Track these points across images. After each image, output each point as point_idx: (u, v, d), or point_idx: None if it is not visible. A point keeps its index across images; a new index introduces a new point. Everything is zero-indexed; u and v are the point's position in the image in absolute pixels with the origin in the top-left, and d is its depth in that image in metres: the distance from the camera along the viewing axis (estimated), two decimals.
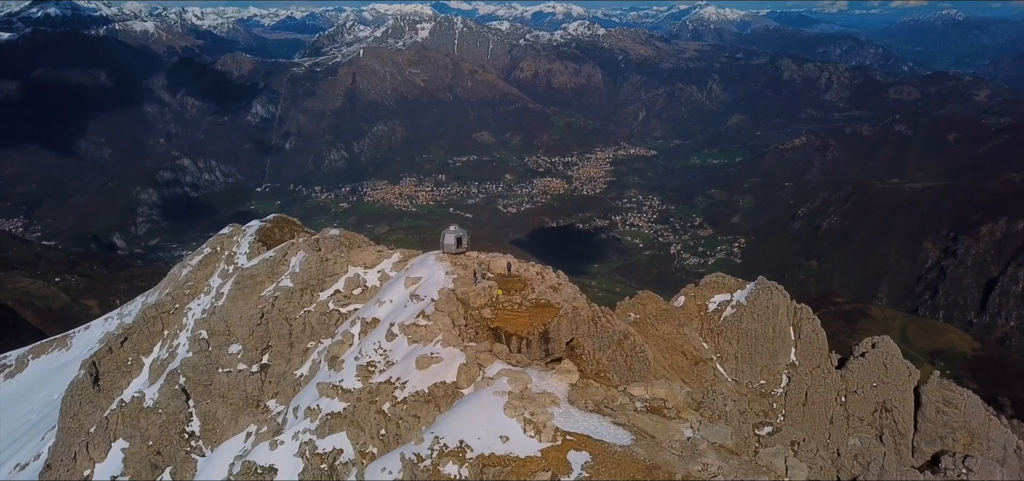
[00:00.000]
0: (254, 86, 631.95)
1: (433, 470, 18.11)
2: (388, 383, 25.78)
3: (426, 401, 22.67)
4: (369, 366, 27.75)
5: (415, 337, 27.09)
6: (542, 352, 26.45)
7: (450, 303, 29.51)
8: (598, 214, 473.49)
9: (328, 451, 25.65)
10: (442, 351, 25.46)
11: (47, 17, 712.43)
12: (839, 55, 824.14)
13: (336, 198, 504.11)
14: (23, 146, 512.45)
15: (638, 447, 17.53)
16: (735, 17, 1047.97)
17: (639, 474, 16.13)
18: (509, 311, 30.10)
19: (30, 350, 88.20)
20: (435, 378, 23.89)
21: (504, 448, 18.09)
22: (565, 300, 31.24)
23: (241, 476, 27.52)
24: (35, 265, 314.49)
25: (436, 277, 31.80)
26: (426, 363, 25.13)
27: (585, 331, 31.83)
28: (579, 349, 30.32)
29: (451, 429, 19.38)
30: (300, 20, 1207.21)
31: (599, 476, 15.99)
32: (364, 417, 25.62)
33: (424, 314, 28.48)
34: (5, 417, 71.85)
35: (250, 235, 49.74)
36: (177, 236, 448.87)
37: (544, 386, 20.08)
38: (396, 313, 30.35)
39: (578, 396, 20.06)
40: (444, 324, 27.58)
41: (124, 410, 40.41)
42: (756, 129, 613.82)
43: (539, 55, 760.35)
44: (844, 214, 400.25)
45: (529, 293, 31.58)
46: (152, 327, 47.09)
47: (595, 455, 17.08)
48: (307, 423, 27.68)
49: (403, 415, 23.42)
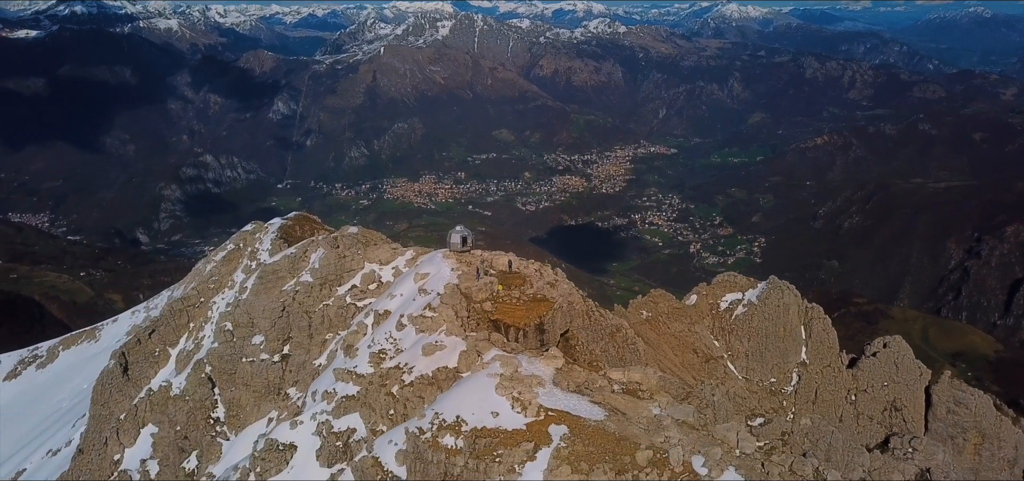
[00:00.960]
0: (276, 83, 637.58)
1: (433, 441, 20.68)
2: (397, 368, 28.15)
3: (430, 383, 25.02)
4: (380, 353, 29.99)
5: (422, 327, 29.43)
6: (538, 342, 28.38)
7: (454, 297, 31.67)
8: (617, 212, 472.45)
9: (343, 430, 28.02)
10: (445, 340, 27.75)
11: (73, 15, 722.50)
12: (863, 53, 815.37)
13: (356, 195, 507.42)
14: (50, 142, 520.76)
15: (610, 422, 20.00)
16: (757, 14, 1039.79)
17: (608, 445, 18.61)
18: (508, 305, 32.24)
19: (61, 341, 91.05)
20: (438, 363, 26.20)
21: (494, 422, 20.61)
22: (561, 296, 33.30)
23: (264, 452, 29.78)
24: (61, 260, 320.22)
25: (442, 273, 34.20)
26: (431, 350, 27.29)
27: (579, 324, 33.84)
28: (574, 340, 32.28)
29: (449, 406, 21.65)
30: (322, 18, 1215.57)
31: (574, 446, 18.52)
32: (375, 399, 27.88)
33: (430, 307, 30.81)
34: (38, 405, 74.59)
35: (272, 232, 51.74)
36: (199, 232, 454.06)
37: (532, 369, 22.43)
38: (406, 305, 32.66)
39: (562, 378, 22.46)
40: (448, 316, 29.84)
41: (152, 398, 42.55)
42: (777, 128, 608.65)
43: (559, 53, 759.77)
44: (866, 214, 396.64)
45: (527, 288, 33.81)
46: (178, 320, 49.22)
47: (572, 428, 19.72)
48: (324, 405, 29.97)
49: (410, 396, 25.70)
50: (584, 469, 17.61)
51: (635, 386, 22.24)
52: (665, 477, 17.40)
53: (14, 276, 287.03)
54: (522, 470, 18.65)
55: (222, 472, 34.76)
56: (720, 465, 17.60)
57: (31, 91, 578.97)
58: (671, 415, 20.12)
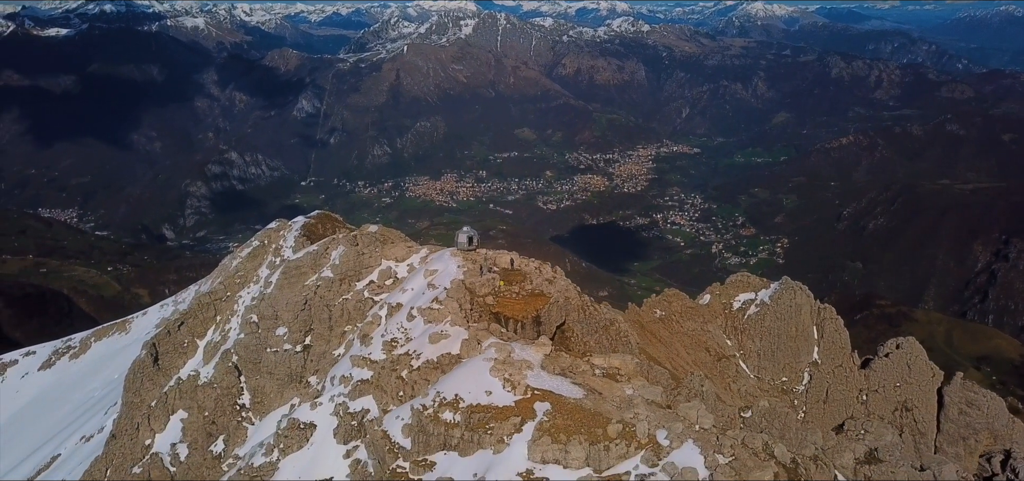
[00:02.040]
0: (300, 81, 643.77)
1: (434, 416, 23.82)
2: (406, 355, 31.18)
3: (434, 368, 28.20)
4: (392, 342, 33.09)
5: (429, 318, 32.41)
6: (534, 333, 30.93)
7: (459, 291, 34.76)
8: (639, 212, 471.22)
9: (358, 410, 30.92)
10: (450, 329, 30.68)
11: (103, 13, 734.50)
12: (890, 52, 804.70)
13: (378, 193, 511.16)
14: (79, 139, 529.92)
15: (587, 400, 23.09)
16: (783, 13, 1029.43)
17: (584, 419, 21.72)
18: (508, 299, 35.44)
19: (92, 333, 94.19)
20: (443, 350, 29.19)
21: (487, 400, 23.72)
22: (558, 291, 35.66)
23: (287, 430, 32.85)
24: (89, 255, 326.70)
25: (449, 270, 37.18)
26: (437, 339, 30.31)
27: (575, 318, 36.05)
28: (570, 333, 34.77)
29: (449, 386, 24.79)
30: (346, 16, 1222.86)
31: (554, 420, 21.67)
32: (387, 382, 30.86)
33: (438, 300, 33.92)
34: (71, 394, 77.63)
35: (295, 230, 54.05)
36: (224, 228, 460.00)
37: (523, 355, 25.59)
38: (416, 299, 35.70)
39: (549, 363, 25.51)
40: (453, 308, 32.92)
41: (181, 386, 44.85)
42: (802, 127, 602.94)
43: (582, 51, 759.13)
44: (891, 215, 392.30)
45: (527, 284, 36.84)
46: (206, 313, 51.50)
47: (554, 405, 22.84)
48: (341, 388, 33.08)
49: (417, 379, 28.76)
50: (562, 439, 20.73)
51: (614, 370, 25.26)
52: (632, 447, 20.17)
53: (44, 270, 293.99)
54: (510, 440, 21.78)
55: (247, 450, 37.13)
56: (680, 438, 20.23)
57: (61, 88, 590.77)
58: (642, 395, 22.91)
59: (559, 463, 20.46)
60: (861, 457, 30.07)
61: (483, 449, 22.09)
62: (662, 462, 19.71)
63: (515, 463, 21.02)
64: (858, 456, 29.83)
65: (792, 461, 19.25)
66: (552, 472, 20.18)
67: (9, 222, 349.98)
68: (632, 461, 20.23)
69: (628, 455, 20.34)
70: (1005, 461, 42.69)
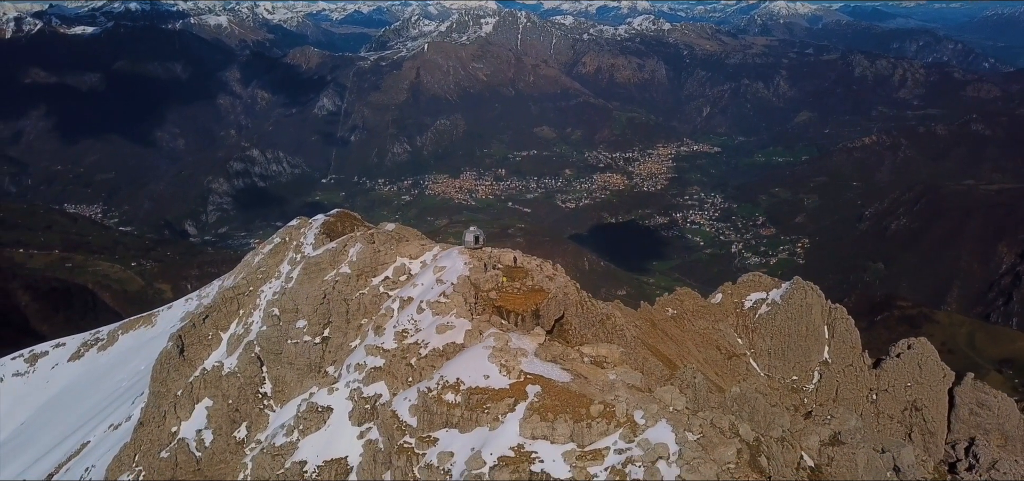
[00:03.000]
0: (321, 79, 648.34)
1: (437, 397, 26.25)
2: (415, 344, 33.72)
3: (440, 355, 30.61)
4: (403, 332, 35.78)
5: (437, 311, 34.91)
6: (534, 325, 32.71)
7: (465, 286, 37.32)
8: (658, 211, 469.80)
9: (371, 395, 33.77)
10: (455, 321, 33.15)
11: (128, 12, 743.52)
12: (915, 51, 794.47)
13: (398, 191, 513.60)
14: (104, 135, 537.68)
15: (573, 384, 25.72)
16: (806, 11, 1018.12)
17: (570, 400, 24.35)
18: (510, 294, 37.90)
19: (120, 326, 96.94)
20: (448, 340, 31.74)
21: (485, 383, 26.26)
22: (557, 287, 37.70)
23: (306, 413, 35.43)
24: (113, 250, 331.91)
25: (456, 266, 39.83)
26: (443, 329, 32.83)
27: (573, 312, 38.18)
28: (568, 326, 36.98)
29: (452, 371, 27.27)
30: (367, 14, 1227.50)
31: (544, 401, 24.23)
32: (397, 368, 33.62)
33: (445, 294, 36.48)
34: (100, 384, 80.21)
35: (315, 227, 56.10)
36: (245, 224, 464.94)
37: (519, 344, 28.22)
38: (425, 293, 38.33)
39: (542, 351, 28.13)
40: (458, 302, 35.43)
41: (206, 376, 47.02)
42: (824, 127, 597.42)
43: (602, 50, 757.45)
44: (914, 216, 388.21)
45: (528, 281, 39.37)
46: (230, 306, 53.56)
47: (544, 388, 25.50)
48: (356, 375, 35.97)
49: (424, 366, 31.42)
50: (550, 418, 23.10)
51: (601, 358, 27.59)
52: (612, 425, 22.59)
53: (69, 265, 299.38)
54: (504, 419, 24.09)
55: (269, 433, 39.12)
56: (655, 417, 22.52)
57: (87, 86, 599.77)
58: (623, 380, 25.39)
59: (547, 439, 22.95)
60: (826, 439, 31.91)
61: (480, 426, 24.60)
62: (638, 438, 22.05)
63: (508, 438, 23.49)
64: (823, 439, 31.75)
65: (755, 439, 21.12)
66: (540, 447, 22.62)
67: (36, 217, 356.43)
68: (612, 438, 22.72)
69: (608, 432, 22.77)
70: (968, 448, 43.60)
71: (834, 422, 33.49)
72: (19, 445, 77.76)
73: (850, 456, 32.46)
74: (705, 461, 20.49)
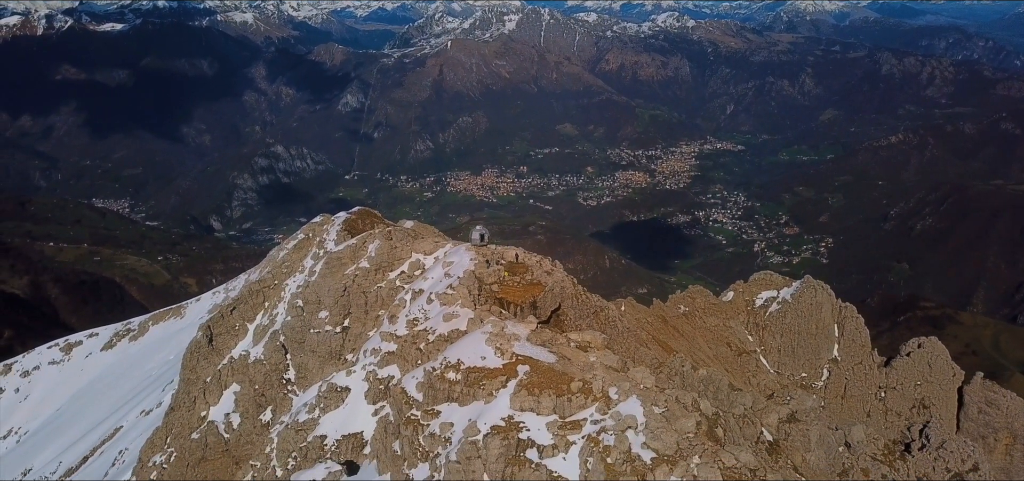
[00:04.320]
0: (346, 76, 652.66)
1: (441, 375, 29.51)
2: (424, 331, 37.39)
3: (445, 341, 34.22)
4: (413, 321, 39.35)
5: (444, 302, 38.59)
6: (531, 316, 34.72)
7: (470, 280, 41.13)
8: (681, 209, 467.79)
9: (385, 376, 37.71)
10: (460, 311, 36.68)
11: (156, 9, 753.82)
12: (944, 48, 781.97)
13: (420, 187, 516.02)
14: (132, 131, 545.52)
15: (558, 364, 29.11)
16: (833, 8, 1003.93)
17: (554, 378, 27.39)
18: (511, 287, 41.79)
19: (150, 317, 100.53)
20: (453, 327, 35.27)
21: (482, 363, 29.69)
22: (554, 282, 41.19)
23: (326, 393, 39.43)
24: (140, 244, 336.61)
25: (463, 262, 43.66)
26: (449, 318, 36.31)
27: (569, 304, 40.83)
28: (564, 317, 40.43)
29: (454, 353, 30.63)
30: (391, 11, 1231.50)
31: (531, 378, 27.60)
32: (408, 352, 37.30)
33: (451, 287, 40.21)
34: (131, 373, 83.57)
35: (337, 225, 59.01)
36: (269, 220, 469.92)
37: (513, 330, 31.73)
38: (435, 286, 42.11)
39: (533, 336, 31.47)
40: (463, 294, 39.05)
41: (234, 363, 49.94)
42: (850, 125, 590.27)
43: (625, 47, 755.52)
44: (940, 216, 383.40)
45: (527, 275, 43.04)
46: (256, 299, 56.49)
47: (532, 368, 28.79)
48: (372, 359, 39.66)
49: (431, 350, 34.93)
50: (536, 393, 26.41)
51: (585, 343, 30.78)
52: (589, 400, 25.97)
53: (98, 259, 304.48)
54: (497, 394, 27.50)
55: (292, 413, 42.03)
56: (627, 393, 25.69)
57: (116, 82, 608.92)
58: (602, 361, 28.61)
59: (533, 411, 26.34)
60: (784, 417, 34.19)
61: (477, 400, 28.09)
62: (611, 411, 25.33)
63: (500, 410, 26.91)
64: (781, 416, 34.20)
65: (714, 414, 23.88)
66: (527, 417, 26.08)
67: (65, 212, 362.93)
68: (589, 410, 25.99)
69: (586, 406, 26.08)
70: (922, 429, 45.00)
71: (793, 402, 35.66)
72: (56, 429, 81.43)
73: (804, 432, 35.87)
74: (667, 430, 23.54)
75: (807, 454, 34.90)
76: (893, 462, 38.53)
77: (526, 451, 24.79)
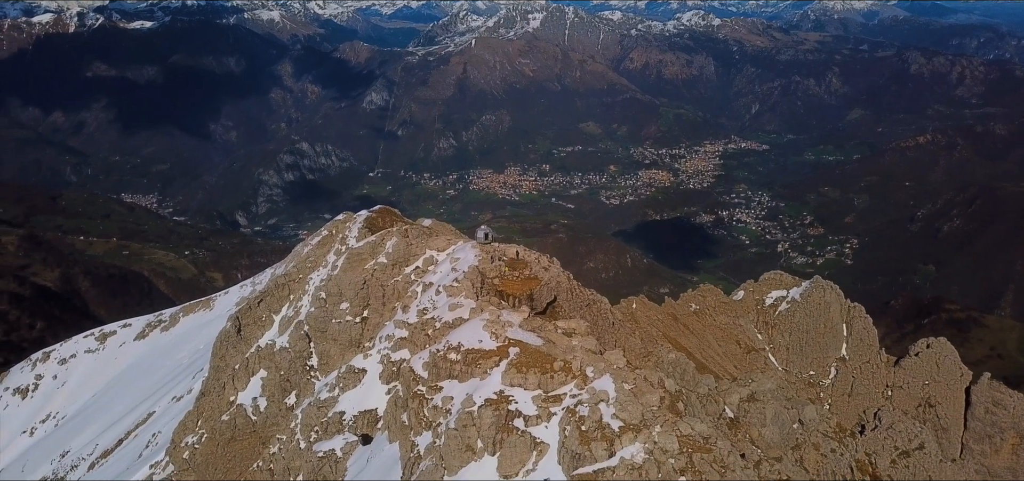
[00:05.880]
0: (370, 74, 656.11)
1: (443, 356, 33.04)
2: (432, 319, 41.41)
3: (450, 327, 37.81)
4: (423, 310, 43.53)
5: (450, 294, 42.54)
6: (528, 307, 38.75)
7: (474, 274, 44.95)
8: (704, 208, 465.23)
9: (397, 360, 41.46)
10: (463, 302, 40.87)
11: (184, 7, 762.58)
12: (975, 48, 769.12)
13: (443, 185, 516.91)
14: (161, 127, 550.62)
15: (544, 347, 32.82)
16: (862, 6, 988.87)
17: (540, 358, 31.09)
18: (510, 280, 45.86)
19: (181, 309, 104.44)
20: (456, 316, 39.27)
21: (479, 346, 33.38)
22: (550, 277, 44.70)
23: (345, 374, 43.74)
24: (167, 239, 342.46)
25: (468, 258, 47.76)
26: (454, 308, 40.43)
27: (564, 297, 43.92)
28: (559, 309, 43.87)
29: (455, 337, 34.36)
30: (416, 9, 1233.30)
31: (520, 359, 31.11)
32: (417, 338, 41.22)
33: (457, 280, 44.21)
34: (163, 361, 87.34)
35: (359, 222, 62.24)
36: (294, 216, 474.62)
37: (508, 318, 35.60)
38: (443, 279, 46.18)
39: (525, 323, 35.31)
40: (467, 287, 43.07)
41: (261, 352, 53.38)
42: (877, 125, 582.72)
43: (650, 46, 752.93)
44: (968, 217, 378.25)
45: (526, 271, 47.19)
46: (281, 291, 59.82)
47: (522, 350, 32.53)
48: (386, 344, 43.77)
49: (437, 335, 38.71)
50: (524, 371, 30.17)
51: (571, 330, 34.54)
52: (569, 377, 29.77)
53: (126, 253, 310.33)
54: (491, 372, 31.21)
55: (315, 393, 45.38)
56: (602, 372, 29.44)
57: (145, 79, 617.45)
58: (582, 345, 32.13)
59: (521, 387, 30.17)
60: (744, 397, 36.67)
61: (473, 377, 31.88)
62: (587, 387, 29.02)
63: (493, 386, 30.74)
64: (742, 396, 36.87)
65: (677, 391, 27.09)
66: (516, 392, 29.93)
67: (96, 206, 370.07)
68: (568, 386, 29.75)
69: (566, 383, 29.95)
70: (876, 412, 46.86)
71: (753, 384, 38.12)
72: (92, 414, 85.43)
73: (761, 409, 39.42)
74: (634, 403, 27.18)
75: (763, 429, 38.72)
76: (843, 439, 40.68)
77: (514, 420, 28.51)
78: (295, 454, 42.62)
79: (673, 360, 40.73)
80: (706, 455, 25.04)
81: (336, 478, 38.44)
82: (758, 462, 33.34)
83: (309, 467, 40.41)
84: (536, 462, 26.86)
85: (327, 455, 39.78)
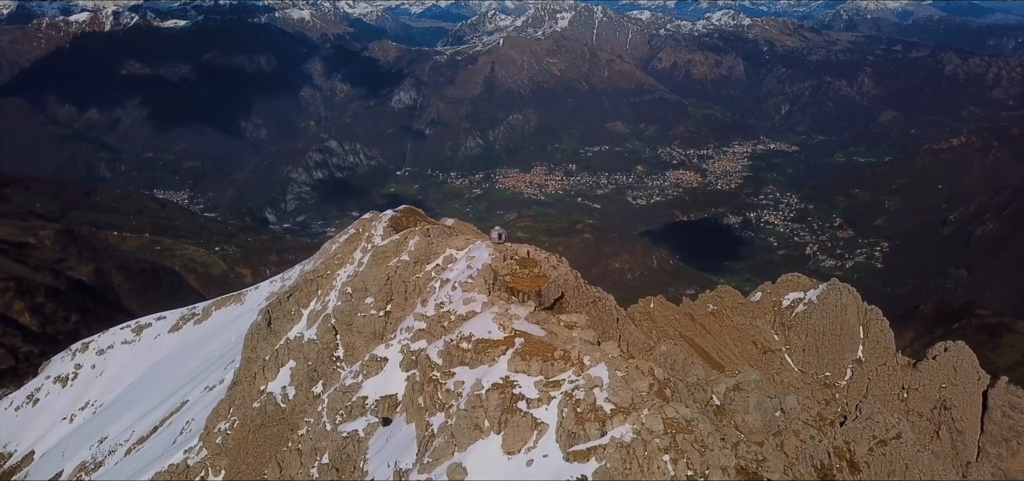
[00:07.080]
0: (399, 73, 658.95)
1: (456, 345, 36.11)
2: (447, 312, 44.48)
3: (463, 319, 40.88)
4: (440, 304, 46.39)
5: (465, 289, 45.58)
6: (536, 302, 43.20)
7: (487, 271, 47.78)
8: (731, 210, 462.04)
9: (415, 349, 44.83)
10: (476, 296, 43.79)
11: (217, 6, 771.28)
12: (1013, 49, 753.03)
13: (470, 184, 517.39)
14: (193, 124, 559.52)
15: (546, 338, 35.69)
16: (896, 6, 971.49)
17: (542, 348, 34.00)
18: (520, 278, 48.46)
19: (213, 303, 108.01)
20: (469, 309, 42.22)
21: (488, 336, 36.28)
22: (558, 274, 47.67)
23: (368, 362, 47.25)
24: (198, 235, 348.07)
25: (483, 256, 50.40)
26: (467, 302, 43.35)
27: (571, 294, 46.75)
28: (566, 305, 46.83)
29: (467, 328, 37.52)
30: (445, 8, 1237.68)
31: (524, 348, 34.12)
32: (434, 329, 44.47)
33: (471, 277, 47.13)
34: (195, 353, 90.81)
35: (384, 221, 65.10)
36: (322, 214, 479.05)
37: (515, 312, 38.64)
38: (459, 276, 48.86)
39: (531, 316, 38.19)
40: (480, 283, 46.03)
41: (290, 344, 56.39)
42: (910, 127, 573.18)
43: (679, 45, 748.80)
44: (1003, 221, 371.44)
45: (536, 269, 49.45)
46: (310, 287, 62.70)
47: (526, 340, 35.36)
48: (406, 335, 47.12)
49: (451, 326, 41.71)
50: (527, 358, 33.04)
51: (572, 323, 37.46)
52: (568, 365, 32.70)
53: (158, 248, 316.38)
54: (498, 360, 33.98)
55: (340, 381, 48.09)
56: (598, 361, 32.17)
57: (178, 77, 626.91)
58: (581, 336, 34.99)
59: (524, 373, 32.98)
60: (730, 387, 39.19)
61: (483, 364, 34.68)
62: (584, 374, 31.89)
63: (500, 372, 33.51)
64: (729, 386, 39.58)
65: (665, 378, 29.70)
66: (520, 378, 32.80)
67: (129, 202, 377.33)
68: (567, 373, 32.49)
69: (565, 370, 32.75)
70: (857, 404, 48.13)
71: (739, 375, 40.32)
72: (128, 403, 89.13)
73: (745, 398, 42.76)
74: (625, 389, 30.11)
75: (746, 416, 42.11)
76: (822, 427, 42.30)
77: (518, 403, 31.44)
78: (321, 435, 46.05)
79: (664, 352, 43.83)
80: (688, 435, 28.06)
81: (358, 455, 42.23)
82: (736, 444, 36.12)
83: (334, 446, 44.18)
84: (536, 440, 30.08)
85: (350, 435, 43.56)
